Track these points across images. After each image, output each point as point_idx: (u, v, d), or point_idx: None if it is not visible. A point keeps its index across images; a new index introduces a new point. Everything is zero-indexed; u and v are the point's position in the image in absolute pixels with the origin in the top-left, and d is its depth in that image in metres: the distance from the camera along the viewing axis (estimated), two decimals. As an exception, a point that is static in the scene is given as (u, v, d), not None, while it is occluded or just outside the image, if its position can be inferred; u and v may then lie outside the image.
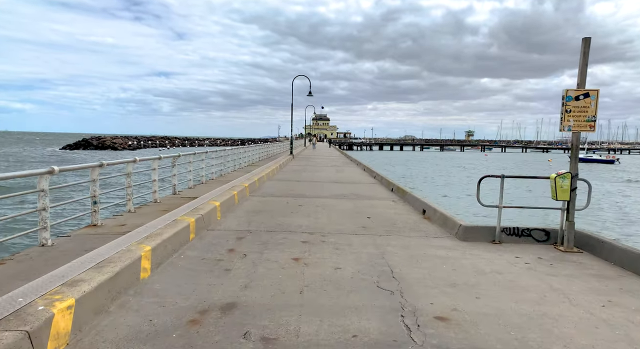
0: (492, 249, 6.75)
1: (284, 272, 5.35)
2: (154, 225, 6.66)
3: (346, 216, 9.34)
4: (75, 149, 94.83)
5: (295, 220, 8.73)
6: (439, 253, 6.44)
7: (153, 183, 10.22)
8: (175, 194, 11.49)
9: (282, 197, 11.99)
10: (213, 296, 4.50)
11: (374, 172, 19.73)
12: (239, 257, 5.96)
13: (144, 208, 9.09)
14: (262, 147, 29.16)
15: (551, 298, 4.69)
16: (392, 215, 9.64)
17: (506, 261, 6.08)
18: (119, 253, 4.94)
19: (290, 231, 7.73)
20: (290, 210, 9.93)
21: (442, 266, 5.80)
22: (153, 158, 10.24)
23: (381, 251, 6.49)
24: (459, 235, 7.41)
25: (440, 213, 8.63)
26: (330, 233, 7.62)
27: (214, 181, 14.89)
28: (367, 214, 9.64)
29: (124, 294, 4.41)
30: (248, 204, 10.67)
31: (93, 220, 7.33)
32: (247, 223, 8.33)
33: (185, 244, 6.55)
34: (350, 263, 5.83)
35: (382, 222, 8.80)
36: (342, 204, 11.01)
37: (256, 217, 8.99)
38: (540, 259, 6.22)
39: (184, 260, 5.76)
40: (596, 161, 78.88)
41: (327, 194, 12.87)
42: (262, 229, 7.84)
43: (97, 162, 7.40)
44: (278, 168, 21.50)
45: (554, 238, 7.13)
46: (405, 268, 5.66)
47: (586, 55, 6.43)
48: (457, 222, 7.70)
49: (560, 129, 6.66)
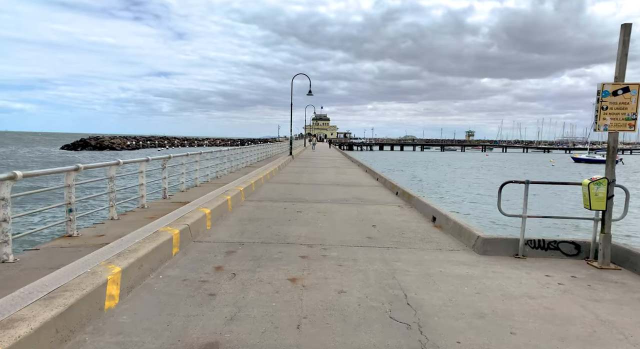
0: (517, 266, 5.92)
1: (278, 297, 4.52)
2: (132, 238, 5.84)
3: (349, 224, 8.51)
4: (73, 149, 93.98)
5: (293, 229, 7.90)
6: (457, 271, 5.61)
7: (140, 187, 9.42)
8: (165, 198, 10.69)
9: (280, 202, 11.16)
10: (191, 332, 3.67)
11: (377, 174, 18.91)
12: (227, 277, 5.13)
13: (129, 215, 8.29)
14: (260, 147, 28.33)
15: (602, 333, 3.86)
16: (399, 223, 8.82)
17: (536, 281, 5.26)
18: (80, 277, 4.11)
19: (288, 242, 6.90)
20: (288, 217, 9.11)
21: (464, 288, 4.98)
22: (140, 160, 9.42)
23: (391, 268, 5.67)
24: (477, 248, 6.58)
25: (454, 222, 7.80)
26: (333, 245, 6.79)
27: (209, 183, 14.08)
28: (372, 222, 8.81)
29: (80, 332, 3.58)
30: (242, 211, 9.84)
31: (68, 230, 6.53)
32: (240, 233, 7.49)
33: (167, 260, 5.72)
34: (357, 284, 5.00)
35: (389, 231, 7.97)
36: (344, 210, 10.18)
37: (250, 226, 8.16)
38: (574, 279, 5.39)
39: (162, 282, 4.93)
40: (600, 162, 77.91)
41: (328, 198, 12.04)
42: (256, 240, 7.01)
43: (73, 165, 6.60)
44: (276, 170, 20.68)
45: (585, 252, 6.30)
46: (421, 291, 4.84)
47: (626, 44, 5.60)
48: (474, 232, 6.88)
49: (594, 129, 5.84)
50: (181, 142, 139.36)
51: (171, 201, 10.18)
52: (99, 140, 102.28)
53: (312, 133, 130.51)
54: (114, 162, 8.12)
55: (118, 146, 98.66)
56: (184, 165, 12.27)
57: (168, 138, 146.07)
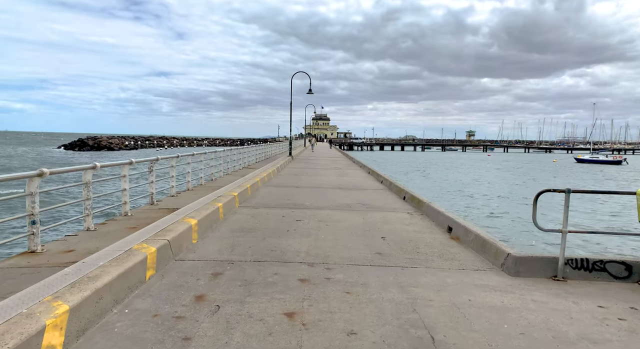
0: (559, 292, 4.93)
1: (271, 343, 3.54)
2: (96, 260, 4.84)
3: (355, 236, 7.53)
4: (70, 149, 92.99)
5: (291, 243, 6.92)
6: (490, 300, 4.62)
7: (123, 193, 8.45)
8: (153, 204, 9.72)
9: (278, 209, 10.17)
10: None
11: (381, 177, 17.91)
12: (209, 311, 4.14)
13: (109, 224, 7.33)
14: (259, 148, 27.34)
15: None
16: (411, 234, 7.83)
17: (590, 315, 4.27)
18: (9, 323, 3.11)
19: (285, 260, 5.91)
20: (286, 227, 8.12)
21: (503, 325, 3.99)
22: (121, 163, 8.44)
23: (409, 295, 4.68)
24: (507, 268, 5.59)
25: (475, 235, 6.81)
26: (337, 264, 5.81)
27: (203, 186, 13.11)
28: (381, 232, 7.83)
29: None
30: (235, 220, 8.85)
31: (30, 245, 5.56)
32: (230, 248, 6.51)
33: (138, 287, 4.73)
34: (369, 320, 4.02)
35: (401, 245, 6.99)
36: (348, 218, 9.19)
37: (243, 238, 7.17)
38: (636, 312, 4.40)
39: (127, 319, 3.94)
40: (603, 162, 76.85)
41: (330, 204, 11.05)
42: (248, 257, 6.02)
43: (36, 170, 5.61)
44: (275, 171, 19.68)
45: (638, 274, 5.31)
46: (451, 330, 3.85)
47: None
48: (502, 249, 5.89)
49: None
50: (180, 142, 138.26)
51: (158, 208, 9.22)
52: (96, 140, 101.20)
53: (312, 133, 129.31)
54: (89, 165, 7.14)
55: (116, 146, 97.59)
56: (174, 167, 11.30)
57: (167, 138, 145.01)
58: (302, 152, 48.17)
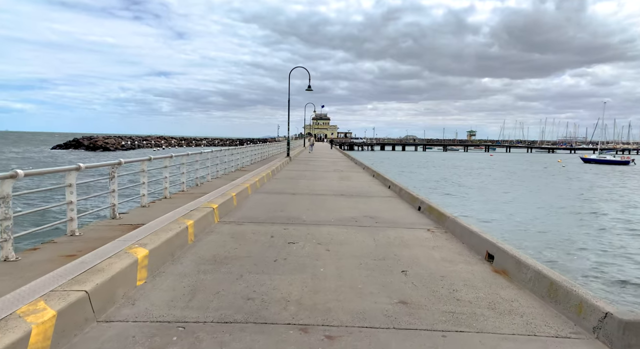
0: None
1: None
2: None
3: (366, 269, 5.55)
4: (65, 149, 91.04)
5: (278, 284, 4.93)
6: None
7: (67, 207, 6.55)
8: (115, 218, 7.81)
9: (266, 225, 8.19)
10: None
11: (388, 181, 15.92)
12: None
13: (41, 250, 5.48)
14: (255, 148, 25.37)
15: None
16: (440, 265, 5.86)
17: None
18: None
19: (265, 320, 3.93)
20: (273, 254, 6.14)
21: None
22: (66, 169, 6.52)
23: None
24: (607, 335, 3.62)
25: (535, 271, 4.83)
26: (344, 327, 3.83)
27: (184, 193, 11.20)
28: (400, 263, 5.85)
29: None
30: (209, 242, 6.86)
31: None
32: (189, 296, 4.51)
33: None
34: None
35: (432, 285, 5.01)
36: (355, 239, 7.21)
37: (211, 275, 5.18)
38: None
39: None
40: (610, 162, 74.80)
41: (331, 218, 9.07)
42: (210, 315, 4.02)
43: None
44: (270, 175, 17.70)
45: None
46: None
47: None
48: (591, 302, 3.91)
49: None
50: (178, 142, 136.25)
51: (118, 224, 7.34)
52: (92, 140, 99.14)
53: (312, 133, 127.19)
54: (7, 174, 5.16)
55: (112, 146, 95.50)
56: (145, 172, 9.34)
57: (165, 138, 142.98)
58: (301, 152, 46.21)
